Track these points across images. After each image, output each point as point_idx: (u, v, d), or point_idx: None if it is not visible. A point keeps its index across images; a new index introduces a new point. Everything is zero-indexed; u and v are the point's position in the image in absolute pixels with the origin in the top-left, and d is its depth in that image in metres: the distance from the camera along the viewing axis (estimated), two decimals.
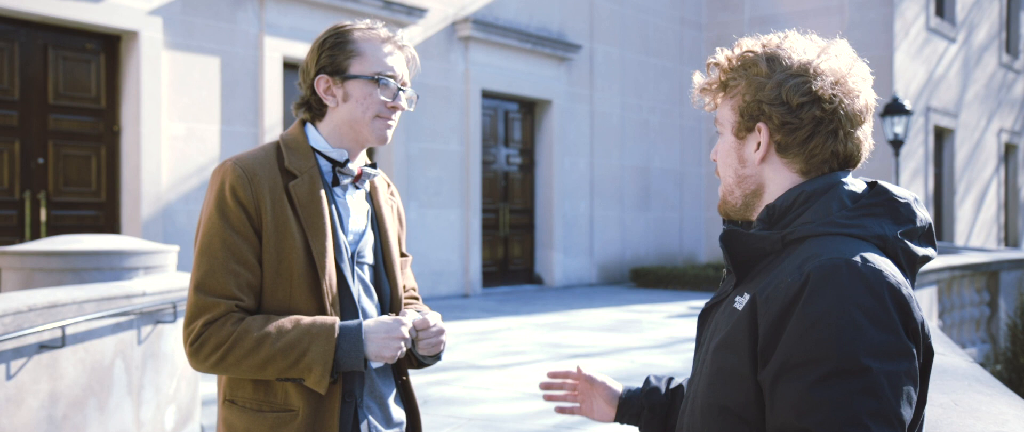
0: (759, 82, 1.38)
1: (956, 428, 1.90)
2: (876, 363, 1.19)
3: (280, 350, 1.71)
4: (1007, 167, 21.45)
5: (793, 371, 1.22)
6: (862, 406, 1.17)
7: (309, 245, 1.79)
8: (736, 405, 1.31)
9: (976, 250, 12.99)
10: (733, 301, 1.38)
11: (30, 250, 4.56)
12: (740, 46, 1.45)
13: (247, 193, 1.76)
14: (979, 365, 3.63)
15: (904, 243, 1.34)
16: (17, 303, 3.29)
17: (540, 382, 1.88)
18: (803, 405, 1.20)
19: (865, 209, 1.35)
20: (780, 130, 1.38)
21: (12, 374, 3.27)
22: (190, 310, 1.77)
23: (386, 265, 1.95)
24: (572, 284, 13.96)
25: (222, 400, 1.86)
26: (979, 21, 19.25)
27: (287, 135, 1.90)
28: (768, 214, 1.39)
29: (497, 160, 13.25)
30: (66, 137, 8.75)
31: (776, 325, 1.26)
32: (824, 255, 1.26)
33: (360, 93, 1.85)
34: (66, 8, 8.34)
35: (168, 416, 4.46)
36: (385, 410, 1.91)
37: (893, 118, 13.39)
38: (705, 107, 1.51)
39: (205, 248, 1.76)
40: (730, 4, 16.75)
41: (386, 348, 1.77)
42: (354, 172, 1.90)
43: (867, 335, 1.20)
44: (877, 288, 1.22)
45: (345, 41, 1.87)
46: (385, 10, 10.84)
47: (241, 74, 9.68)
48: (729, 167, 1.45)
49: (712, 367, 1.36)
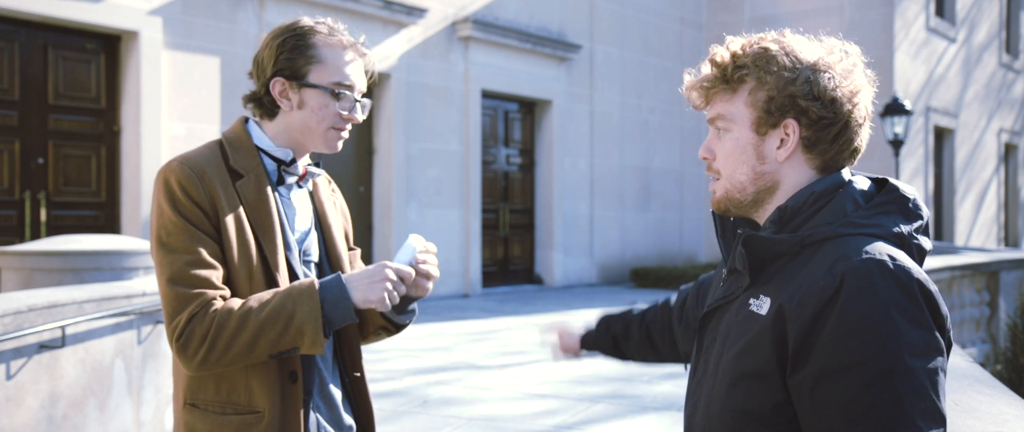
0: (785, 77, 1.36)
1: (956, 428, 1.90)
2: (919, 362, 1.21)
3: (267, 319, 1.66)
4: (1007, 167, 21.44)
5: (837, 375, 1.22)
6: (913, 407, 1.19)
7: (260, 244, 1.77)
8: (760, 409, 1.31)
9: (976, 250, 12.99)
10: (747, 304, 1.37)
11: (30, 250, 4.56)
12: (736, 44, 1.42)
13: (199, 192, 1.72)
14: (979, 365, 3.63)
15: (917, 239, 1.36)
16: (17, 303, 3.29)
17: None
18: (853, 409, 1.21)
19: (879, 208, 1.36)
20: (814, 126, 1.37)
21: (12, 374, 3.27)
22: (170, 306, 1.69)
23: (331, 261, 1.93)
24: (572, 284, 13.96)
25: (182, 404, 1.79)
26: (979, 21, 19.25)
27: (230, 133, 1.86)
28: (780, 215, 1.39)
29: (497, 160, 13.25)
30: (66, 137, 8.75)
31: (810, 329, 1.25)
32: (854, 257, 1.26)
33: (317, 103, 1.81)
34: (66, 8, 8.34)
35: (168, 416, 4.46)
36: (334, 409, 1.88)
37: (893, 118, 13.39)
38: (696, 105, 1.47)
39: (169, 246, 1.70)
40: (730, 4, 16.74)
41: (372, 291, 1.71)
42: (299, 171, 1.88)
43: (907, 335, 1.21)
44: (909, 287, 1.24)
45: (305, 45, 1.80)
46: (385, 10, 10.84)
47: (241, 74, 9.68)
48: (744, 165, 1.41)
49: (733, 372, 1.35)
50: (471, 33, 12.07)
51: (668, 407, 5.48)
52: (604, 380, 6.28)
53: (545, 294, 12.67)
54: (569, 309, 10.81)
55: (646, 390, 5.98)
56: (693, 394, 1.48)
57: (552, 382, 6.21)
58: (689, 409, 1.48)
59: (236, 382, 1.75)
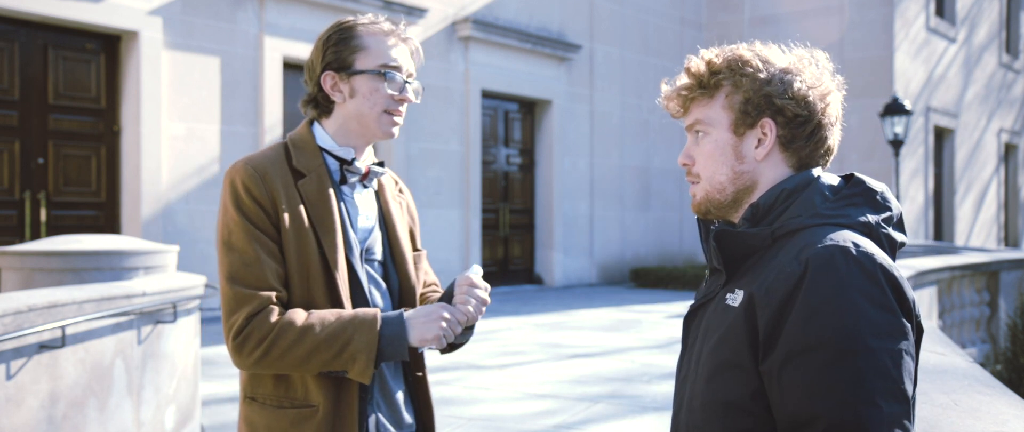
0: (760, 79, 1.42)
1: (956, 428, 1.90)
2: (879, 343, 1.23)
3: (324, 340, 1.72)
4: (1007, 167, 21.45)
5: (800, 357, 1.25)
6: (874, 386, 1.22)
7: (321, 242, 1.80)
8: (739, 398, 1.33)
9: (976, 250, 12.99)
10: (724, 299, 1.41)
11: (30, 250, 4.56)
12: (710, 53, 1.48)
13: (261, 191, 1.77)
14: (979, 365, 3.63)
15: (886, 229, 1.40)
16: (17, 303, 3.28)
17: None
18: (814, 389, 1.24)
19: (846, 199, 1.41)
20: (789, 124, 1.42)
21: (12, 374, 3.27)
22: (228, 304, 1.75)
23: (395, 260, 1.96)
24: (572, 284, 13.96)
25: (243, 397, 1.86)
26: (979, 21, 19.25)
27: (294, 135, 1.91)
28: (753, 212, 1.43)
29: (497, 160, 13.25)
30: (66, 137, 8.75)
31: (778, 314, 1.29)
32: (819, 243, 1.30)
33: (367, 88, 1.86)
34: (66, 8, 8.34)
35: (168, 416, 4.46)
36: (395, 408, 1.91)
37: (893, 118, 13.39)
38: (674, 114, 1.53)
39: (231, 244, 1.76)
40: (730, 4, 16.74)
41: (428, 330, 1.78)
42: (361, 170, 1.90)
43: (869, 316, 1.24)
44: (872, 270, 1.27)
45: (349, 36, 1.87)
46: (385, 10, 10.84)
47: (241, 74, 9.68)
48: (723, 165, 1.46)
49: (711, 365, 1.38)
50: (471, 33, 12.07)
51: (668, 407, 5.48)
52: (604, 380, 6.28)
53: (545, 294, 12.67)
54: (569, 309, 10.81)
55: (646, 390, 5.98)
56: (679, 392, 1.51)
57: (552, 382, 6.21)
58: (676, 407, 1.51)
59: (294, 378, 1.80)
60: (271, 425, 1.79)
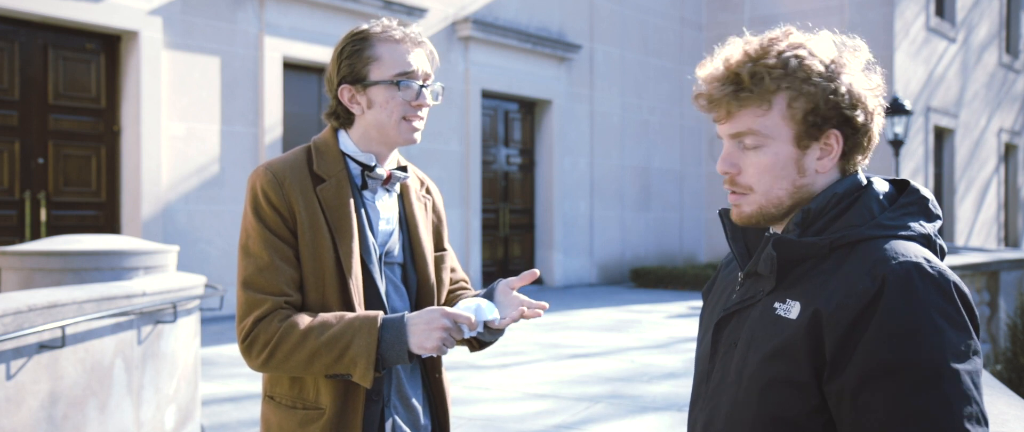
0: (824, 86, 1.31)
1: None
2: (962, 365, 1.20)
3: (324, 344, 1.74)
4: (1007, 166, 21.45)
5: (880, 380, 1.21)
6: (961, 410, 1.19)
7: (337, 247, 1.82)
8: (794, 415, 1.29)
9: (976, 250, 12.99)
10: (772, 308, 1.34)
11: (30, 250, 4.56)
12: (752, 47, 1.35)
13: (278, 196, 1.81)
14: None
15: (940, 239, 1.36)
16: (17, 303, 3.28)
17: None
18: (900, 414, 1.20)
19: (903, 209, 1.35)
20: (856, 135, 1.34)
21: (12, 374, 3.27)
22: (240, 308, 1.81)
23: (415, 262, 1.97)
24: (572, 284, 13.96)
25: (263, 396, 1.92)
26: (979, 21, 19.25)
27: (319, 139, 1.94)
28: (804, 217, 1.35)
29: (497, 160, 13.25)
30: (66, 137, 8.75)
31: (850, 333, 1.24)
32: (892, 259, 1.25)
33: (382, 98, 1.87)
34: (66, 8, 8.34)
35: (168, 416, 4.46)
36: (412, 411, 1.92)
37: (893, 118, 13.39)
38: (716, 118, 1.38)
39: (248, 248, 1.81)
40: (730, 4, 16.74)
41: (427, 339, 1.75)
42: (383, 176, 1.92)
43: (949, 338, 1.21)
44: (947, 288, 1.24)
45: (362, 47, 1.88)
46: (385, 10, 10.84)
47: (241, 74, 9.68)
48: (783, 180, 1.35)
49: (763, 378, 1.32)
50: (471, 33, 12.07)
51: (668, 407, 5.48)
52: (604, 380, 6.28)
53: (545, 294, 12.67)
54: (569, 309, 10.81)
55: (646, 390, 5.98)
56: (710, 399, 1.43)
57: (552, 382, 6.21)
58: (704, 415, 1.44)
59: (307, 380, 1.84)
60: (282, 424, 1.84)
